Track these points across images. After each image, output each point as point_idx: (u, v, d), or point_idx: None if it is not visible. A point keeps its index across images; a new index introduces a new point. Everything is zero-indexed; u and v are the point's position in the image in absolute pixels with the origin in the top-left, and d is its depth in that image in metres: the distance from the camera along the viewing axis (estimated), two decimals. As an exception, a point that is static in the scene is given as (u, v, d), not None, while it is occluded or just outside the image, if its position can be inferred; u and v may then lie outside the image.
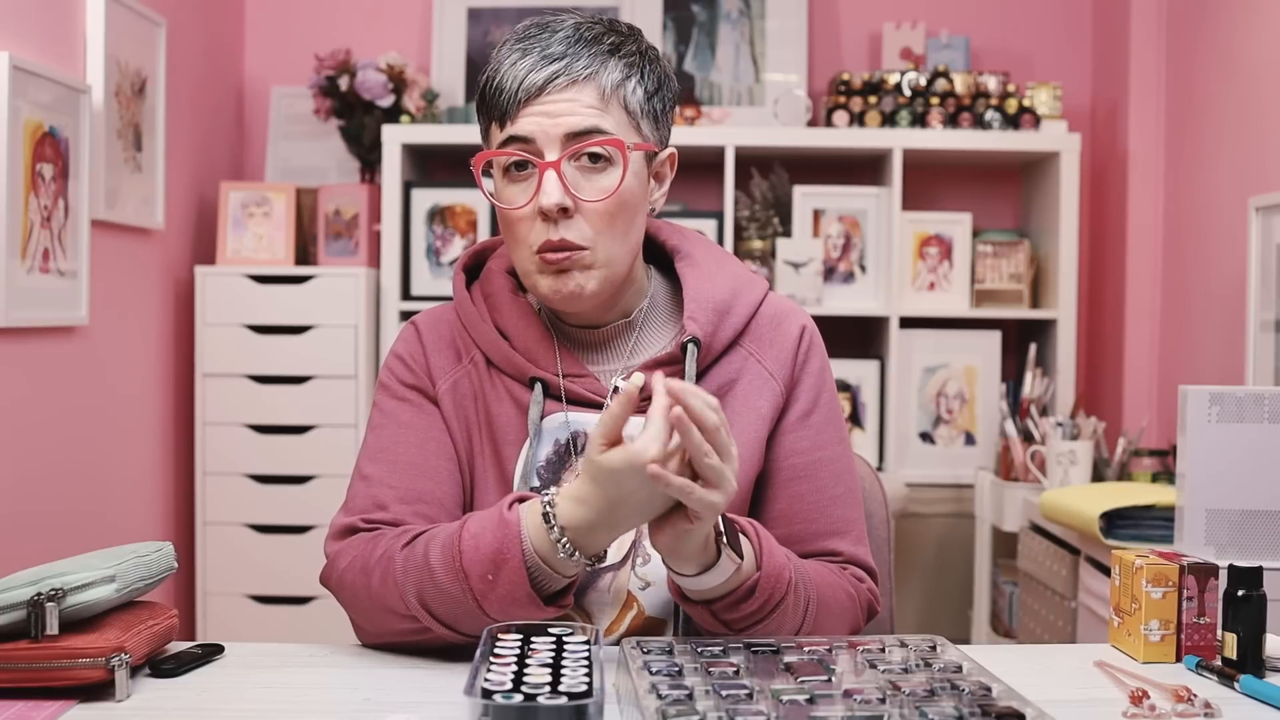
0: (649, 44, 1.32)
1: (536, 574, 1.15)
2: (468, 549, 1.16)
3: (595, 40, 1.27)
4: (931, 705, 0.97)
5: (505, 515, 1.16)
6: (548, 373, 1.33)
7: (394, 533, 1.26)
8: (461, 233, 3.23)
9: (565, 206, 1.25)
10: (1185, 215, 3.04)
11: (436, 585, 1.17)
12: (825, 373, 1.40)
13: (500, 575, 1.14)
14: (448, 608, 1.18)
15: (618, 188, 1.26)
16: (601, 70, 1.26)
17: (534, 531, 1.15)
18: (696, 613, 1.21)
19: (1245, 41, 2.75)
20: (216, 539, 3.13)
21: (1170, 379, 3.07)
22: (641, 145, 1.29)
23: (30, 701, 1.08)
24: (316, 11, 3.53)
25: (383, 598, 1.22)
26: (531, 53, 1.26)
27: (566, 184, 1.25)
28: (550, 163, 1.24)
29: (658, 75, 1.31)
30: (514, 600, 1.15)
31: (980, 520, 3.18)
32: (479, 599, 1.15)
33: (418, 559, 1.20)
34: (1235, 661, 1.21)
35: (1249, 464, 1.89)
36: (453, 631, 1.20)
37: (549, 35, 1.27)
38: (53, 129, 2.45)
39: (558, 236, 1.25)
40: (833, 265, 3.30)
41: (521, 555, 1.14)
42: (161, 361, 3.07)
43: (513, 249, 1.31)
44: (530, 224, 1.27)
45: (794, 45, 3.43)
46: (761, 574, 1.18)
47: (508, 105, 1.25)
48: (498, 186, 1.30)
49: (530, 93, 1.24)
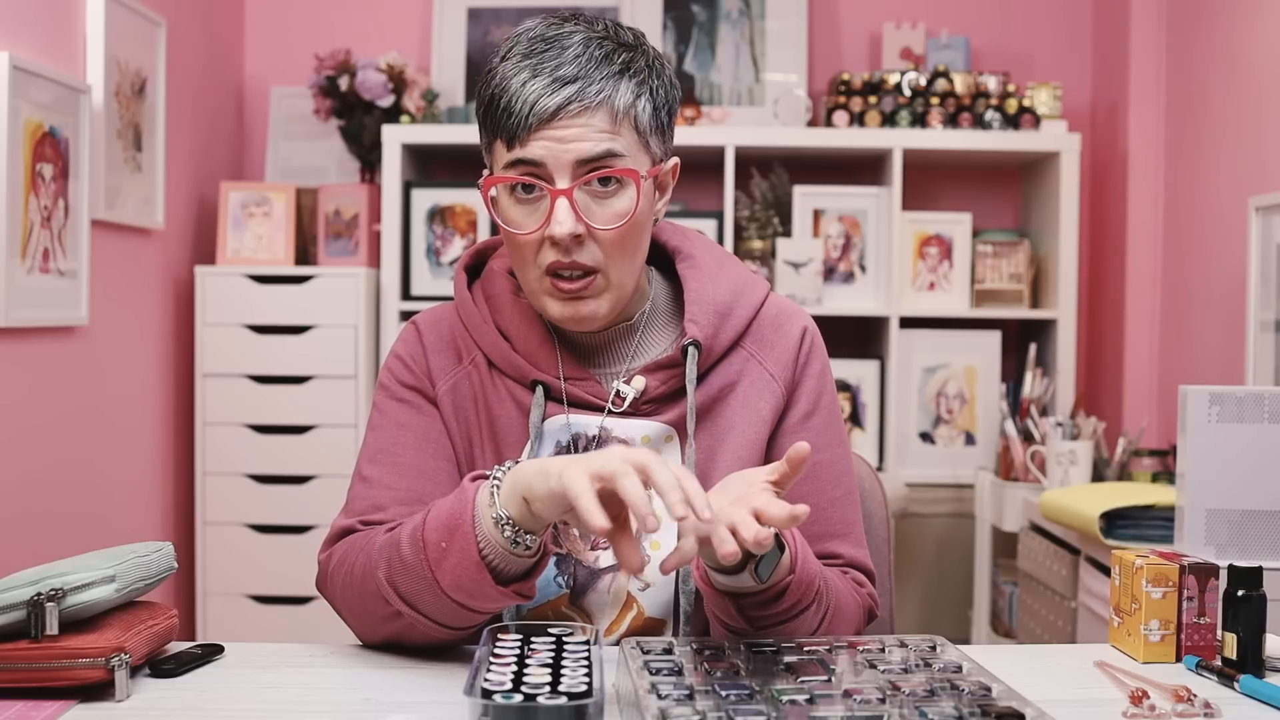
0: (654, 50, 1.31)
1: (485, 546, 1.13)
2: (430, 520, 1.16)
3: (606, 59, 1.24)
4: (931, 705, 0.97)
5: (464, 485, 1.16)
6: (549, 375, 1.32)
7: (384, 527, 1.26)
8: (461, 233, 3.23)
9: (577, 234, 1.24)
10: (1185, 215, 3.04)
11: (401, 559, 1.17)
12: (826, 374, 1.40)
13: (453, 541, 1.13)
14: (408, 582, 1.17)
15: (632, 215, 1.25)
16: (614, 93, 1.23)
17: (482, 504, 1.13)
18: (720, 604, 1.20)
19: (1245, 41, 2.75)
20: (216, 539, 3.13)
21: (1170, 379, 3.07)
22: (652, 171, 1.28)
23: (30, 701, 1.08)
24: (316, 11, 3.53)
25: (364, 583, 1.22)
26: (542, 74, 1.22)
27: (578, 210, 1.23)
28: (562, 190, 1.22)
29: (664, 86, 1.29)
30: (464, 570, 1.12)
31: (980, 520, 3.19)
32: (433, 568, 1.14)
33: (391, 538, 1.20)
34: (1235, 661, 1.21)
35: (1249, 464, 1.89)
36: (418, 615, 1.19)
37: (558, 53, 1.23)
38: (53, 129, 2.45)
39: (569, 259, 1.25)
40: (833, 265, 3.30)
41: (473, 520, 1.13)
42: (161, 361, 3.07)
43: (518, 267, 1.30)
44: (538, 247, 1.26)
45: (794, 45, 3.43)
46: (795, 578, 1.18)
47: (517, 129, 1.23)
48: (502, 205, 1.28)
49: (542, 118, 1.22)
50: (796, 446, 1.11)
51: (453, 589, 1.14)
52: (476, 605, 1.16)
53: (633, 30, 1.31)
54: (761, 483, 1.13)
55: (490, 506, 1.12)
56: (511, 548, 1.12)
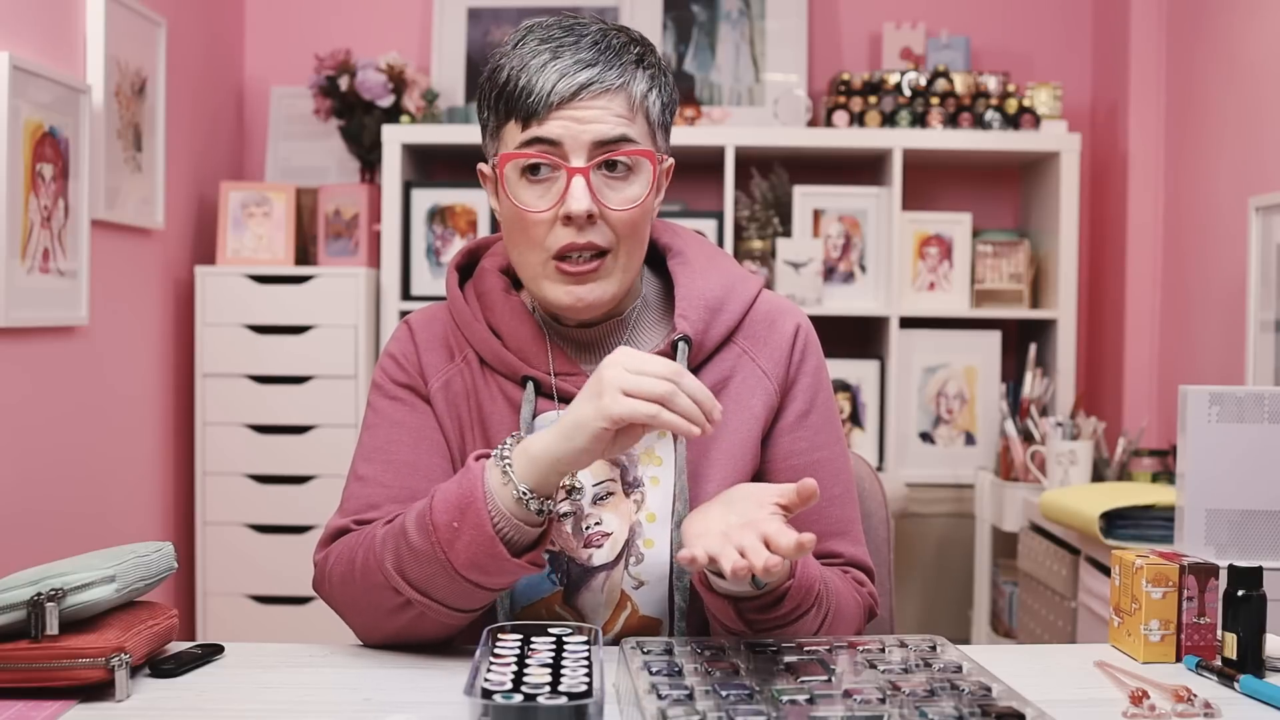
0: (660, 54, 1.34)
1: (499, 520, 1.15)
2: (437, 504, 1.18)
3: (623, 49, 1.27)
4: (931, 705, 0.97)
5: (470, 465, 1.19)
6: (540, 371, 1.33)
7: (380, 520, 1.27)
8: (461, 233, 3.23)
9: (593, 213, 1.25)
10: (1185, 215, 3.04)
11: (410, 546, 1.18)
12: (821, 372, 1.40)
13: (464, 520, 1.15)
14: (419, 568, 1.18)
15: (646, 197, 1.28)
16: (632, 81, 1.27)
17: (493, 479, 1.17)
18: (719, 607, 1.20)
19: (1245, 41, 2.75)
20: (216, 539, 3.13)
21: (1170, 379, 3.07)
22: (664, 156, 1.32)
23: (30, 701, 1.08)
24: (316, 11, 3.53)
25: (366, 577, 1.23)
26: (563, 56, 1.25)
27: (593, 190, 1.25)
28: (580, 169, 1.24)
29: (670, 87, 1.33)
30: (478, 545, 1.15)
31: (980, 520, 3.19)
32: (445, 550, 1.16)
33: (395, 527, 1.22)
34: (1235, 661, 1.21)
35: (1249, 464, 1.89)
36: (429, 601, 1.20)
37: (576, 39, 1.26)
38: (53, 129, 2.45)
39: (584, 240, 1.26)
40: (833, 265, 3.30)
41: (484, 496, 1.15)
42: (161, 361, 3.07)
43: (522, 251, 1.30)
44: (548, 228, 1.26)
45: (794, 45, 3.43)
46: (794, 582, 1.18)
47: (537, 106, 1.24)
48: (514, 187, 1.28)
49: (564, 96, 1.23)
50: (805, 483, 1.13)
51: (466, 567, 1.16)
52: (490, 582, 1.17)
53: (640, 34, 1.34)
54: (771, 505, 1.14)
55: (505, 481, 1.15)
56: (529, 516, 1.16)
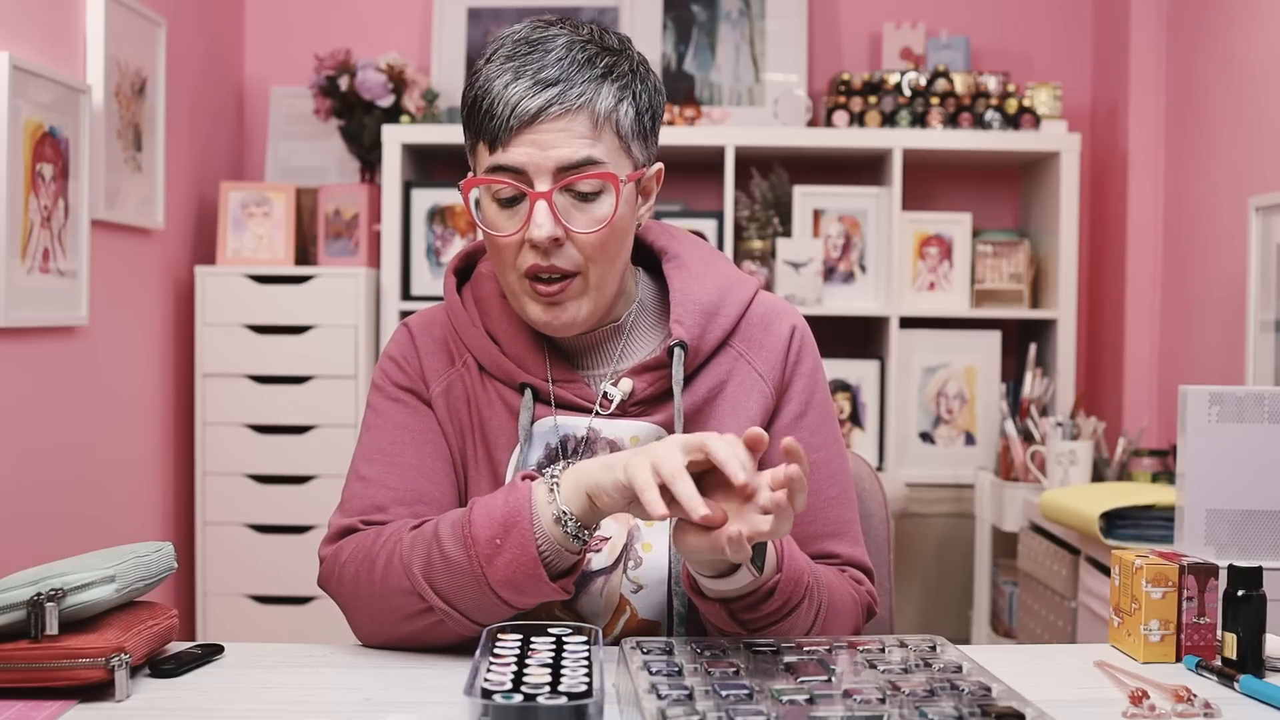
0: (639, 55, 1.31)
1: (543, 543, 1.15)
2: (477, 517, 1.17)
3: (589, 63, 1.24)
4: (931, 705, 0.97)
5: (517, 484, 1.19)
6: (537, 378, 1.33)
7: (400, 523, 1.27)
8: (461, 233, 3.23)
9: (556, 237, 1.24)
10: (1185, 215, 3.04)
11: (443, 554, 1.18)
12: (818, 373, 1.40)
13: (508, 538, 1.15)
14: (449, 578, 1.18)
15: (611, 219, 1.25)
16: (595, 97, 1.24)
17: (540, 501, 1.17)
18: (712, 610, 1.20)
19: (1245, 41, 2.75)
20: (216, 539, 3.13)
21: (1170, 379, 3.07)
22: (633, 175, 1.28)
23: (30, 701, 1.08)
24: (316, 11, 3.53)
25: (386, 580, 1.23)
26: (524, 75, 1.23)
27: (557, 214, 1.24)
28: (541, 193, 1.23)
29: (648, 91, 1.29)
30: (519, 565, 1.15)
31: (980, 520, 3.19)
32: (483, 565, 1.16)
33: (426, 534, 1.21)
34: (1235, 661, 1.21)
35: (1249, 464, 1.89)
36: (452, 611, 1.20)
37: (540, 56, 1.24)
38: (53, 129, 2.45)
39: (547, 263, 1.25)
40: (833, 265, 3.30)
41: (531, 518, 1.15)
42: (161, 361, 3.07)
43: (500, 270, 1.31)
44: (518, 249, 1.26)
45: (794, 45, 3.43)
46: (782, 576, 1.18)
47: (499, 130, 1.23)
48: (484, 209, 1.29)
49: (522, 120, 1.22)
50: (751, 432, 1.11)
51: (502, 585, 1.16)
52: (520, 601, 1.18)
53: (618, 35, 1.31)
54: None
55: (550, 504, 1.15)
56: (570, 543, 1.15)
